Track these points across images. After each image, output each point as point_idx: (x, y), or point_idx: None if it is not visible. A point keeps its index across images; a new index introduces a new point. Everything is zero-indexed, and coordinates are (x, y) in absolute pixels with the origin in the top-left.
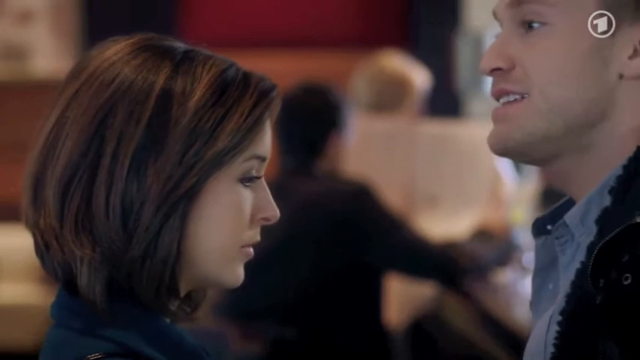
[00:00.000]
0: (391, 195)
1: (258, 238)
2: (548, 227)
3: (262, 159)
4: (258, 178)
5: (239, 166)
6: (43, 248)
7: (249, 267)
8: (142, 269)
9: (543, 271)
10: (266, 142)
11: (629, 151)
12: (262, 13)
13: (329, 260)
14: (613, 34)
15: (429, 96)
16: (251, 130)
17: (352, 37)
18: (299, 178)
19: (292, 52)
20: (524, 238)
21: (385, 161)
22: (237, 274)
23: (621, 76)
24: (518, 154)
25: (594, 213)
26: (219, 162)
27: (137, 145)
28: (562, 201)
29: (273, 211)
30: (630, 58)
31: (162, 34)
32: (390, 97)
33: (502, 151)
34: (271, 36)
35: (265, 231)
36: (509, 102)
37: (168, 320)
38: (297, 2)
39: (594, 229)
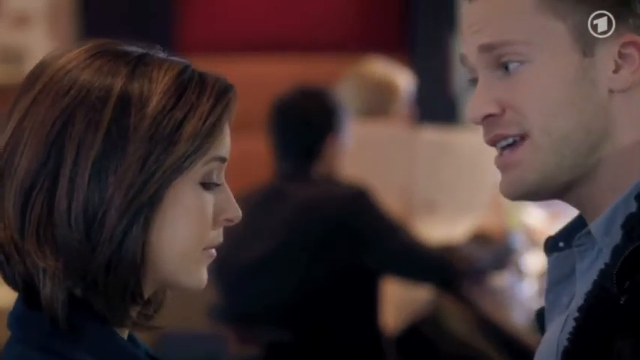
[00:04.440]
0: (390, 200)
1: (221, 239)
2: (560, 244)
3: (222, 160)
4: (218, 185)
5: (200, 169)
6: (3, 260)
7: (246, 271)
8: (107, 277)
9: (557, 286)
10: (226, 142)
11: (637, 160)
12: (259, 17)
13: (326, 264)
14: (592, 54)
15: (426, 100)
16: (210, 133)
17: (349, 40)
18: (296, 183)
19: (289, 55)
20: (522, 241)
21: (384, 166)
22: (200, 277)
23: (611, 92)
24: (534, 194)
25: (619, 221)
26: (179, 167)
27: (97, 153)
28: (573, 219)
29: (236, 212)
30: (614, 72)
31: (158, 38)
32: (377, 102)
33: (519, 196)
34: (268, 40)
35: (262, 235)
36: (509, 146)
37: (127, 331)
38: (294, 6)
39: (619, 235)
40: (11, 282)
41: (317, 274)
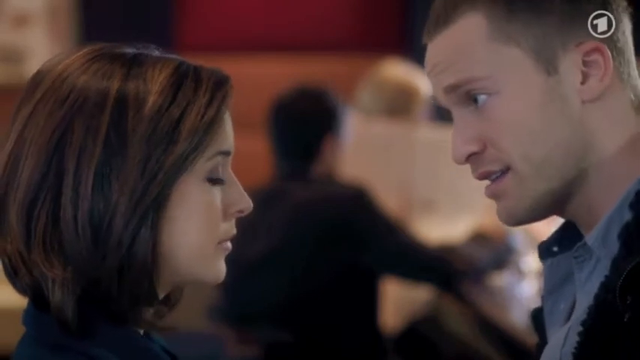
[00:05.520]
0: (389, 199)
1: (234, 231)
2: (554, 249)
3: (226, 154)
4: (224, 179)
5: (203, 165)
6: (11, 272)
7: (245, 271)
8: (120, 282)
9: (554, 293)
10: (228, 136)
11: (624, 166)
12: (259, 17)
13: (325, 264)
14: (556, 71)
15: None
16: (209, 128)
17: (349, 40)
18: (295, 183)
19: (289, 55)
20: (521, 241)
21: (383, 166)
22: (218, 270)
23: (583, 103)
24: (531, 218)
25: (615, 230)
26: (181, 166)
27: (98, 160)
28: (564, 222)
29: (247, 203)
30: (582, 83)
31: (158, 38)
32: (400, 105)
33: (517, 223)
34: (268, 40)
35: (262, 235)
36: (496, 177)
37: (142, 331)
38: (294, 6)
39: (616, 245)
40: (21, 292)
41: (316, 274)
